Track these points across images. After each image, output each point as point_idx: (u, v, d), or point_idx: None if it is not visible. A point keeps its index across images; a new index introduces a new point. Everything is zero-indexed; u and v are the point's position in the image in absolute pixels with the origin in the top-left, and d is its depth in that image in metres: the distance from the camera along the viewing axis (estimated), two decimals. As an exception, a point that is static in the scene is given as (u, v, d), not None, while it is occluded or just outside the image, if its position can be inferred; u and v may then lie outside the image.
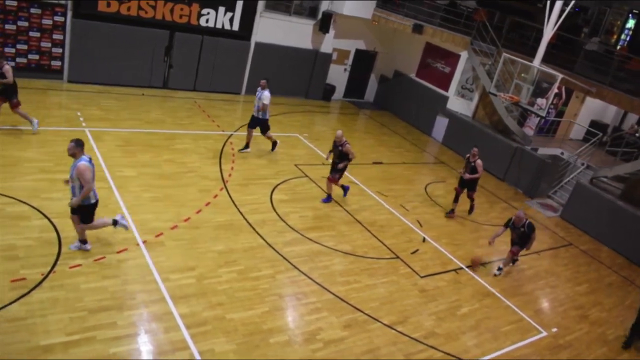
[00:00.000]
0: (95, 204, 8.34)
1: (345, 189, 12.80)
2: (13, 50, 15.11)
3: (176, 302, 7.92)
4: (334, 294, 9.13)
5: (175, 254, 9.07)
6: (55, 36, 15.53)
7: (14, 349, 6.47)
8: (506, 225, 11.18)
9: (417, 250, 11.40)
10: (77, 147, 8.12)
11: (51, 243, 8.50)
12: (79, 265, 8.14)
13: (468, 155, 13.15)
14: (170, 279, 8.40)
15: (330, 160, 12.53)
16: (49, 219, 9.07)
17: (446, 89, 20.08)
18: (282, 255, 9.86)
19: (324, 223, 11.52)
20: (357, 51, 22.03)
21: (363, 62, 22.49)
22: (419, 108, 20.94)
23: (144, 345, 7.06)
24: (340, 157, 12.11)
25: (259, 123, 13.93)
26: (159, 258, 8.81)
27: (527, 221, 10.92)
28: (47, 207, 9.39)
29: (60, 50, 15.77)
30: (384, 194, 13.76)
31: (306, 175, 13.59)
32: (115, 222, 8.66)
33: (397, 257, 10.92)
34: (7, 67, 11.52)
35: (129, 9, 16.02)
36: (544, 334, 9.76)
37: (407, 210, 13.13)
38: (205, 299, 8.18)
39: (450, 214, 13.49)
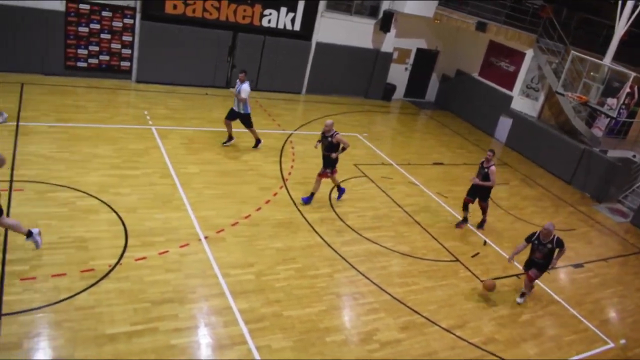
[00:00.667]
0: None
1: (341, 190, 11.87)
2: (86, 52, 15.84)
3: (235, 297, 8.07)
4: (391, 295, 9.05)
5: (235, 250, 9.24)
6: (124, 38, 16.16)
7: (82, 335, 6.78)
8: (528, 240, 9.55)
9: (477, 254, 11.13)
10: None
11: (118, 236, 8.85)
12: (144, 258, 8.44)
13: (483, 160, 11.61)
14: (230, 274, 8.57)
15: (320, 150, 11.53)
16: (116, 213, 9.46)
17: (510, 88, 19.51)
18: (340, 255, 9.86)
19: (383, 223, 11.43)
20: (419, 50, 21.75)
21: (424, 61, 22.19)
22: (480, 107, 20.48)
23: (204, 338, 7.23)
24: (330, 149, 11.07)
25: (239, 116, 13.12)
26: (220, 253, 9.01)
27: (556, 236, 9.27)
28: (116, 201, 9.79)
29: (130, 52, 16.39)
30: (444, 195, 13.52)
31: (365, 175, 13.54)
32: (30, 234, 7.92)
33: (457, 260, 10.70)
34: None
35: (194, 10, 16.46)
36: (611, 345, 9.30)
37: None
38: (264, 295, 8.29)
39: (461, 224, 12.12)
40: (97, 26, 15.75)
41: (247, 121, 13.23)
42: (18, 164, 10.37)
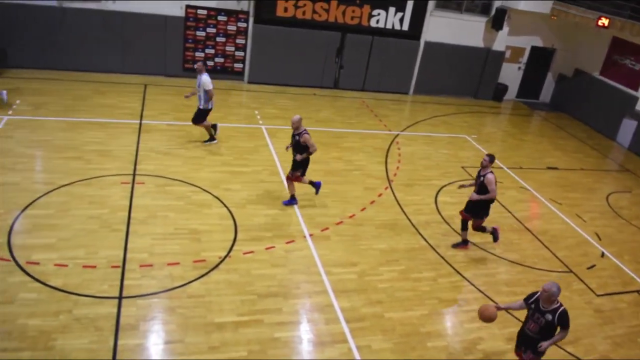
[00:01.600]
0: None
1: (316, 185, 10.50)
2: (202, 55, 16.72)
3: (338, 295, 8.14)
4: (497, 304, 8.67)
5: (339, 248, 9.32)
6: (238, 41, 16.88)
7: (192, 322, 7.17)
8: (526, 301, 6.58)
9: (593, 266, 10.38)
10: None
11: (228, 230, 9.27)
12: (252, 252, 8.75)
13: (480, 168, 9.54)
14: (333, 272, 8.66)
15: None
16: (227, 208, 9.90)
17: (636, 88, 17.98)
18: (444, 259, 9.63)
19: (490, 229, 11.01)
20: (533, 48, 20.69)
21: (539, 60, 21.07)
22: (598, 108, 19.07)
23: (305, 333, 7.36)
24: (298, 149, 10.00)
25: (202, 113, 12.24)
26: (324, 251, 9.13)
27: (562, 307, 6.25)
28: (226, 197, 10.26)
29: (242, 54, 17.09)
30: (558, 202, 12.75)
31: (473, 178, 13.10)
32: None
33: (571, 272, 10.05)
34: None
35: (303, 12, 16.82)
36: None
37: (584, 221, 12.01)
38: (366, 295, 8.28)
39: (460, 245, 10.08)
40: (214, 30, 16.58)
41: (202, 116, 12.36)
42: (140, 159, 11.20)
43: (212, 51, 16.85)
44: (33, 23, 15.31)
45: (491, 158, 9.25)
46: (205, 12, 16.31)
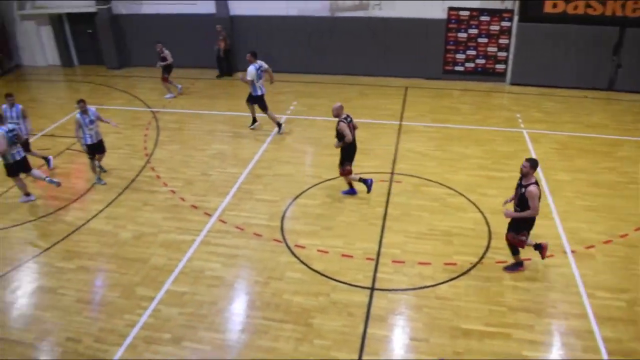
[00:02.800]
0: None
1: (367, 183, 10.09)
2: (463, 56, 16.57)
3: (600, 322, 7.27)
4: None
5: (605, 270, 8.32)
6: (501, 41, 16.27)
7: (438, 324, 7.19)
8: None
9: None
10: None
11: (482, 236, 9.02)
12: (506, 262, 8.36)
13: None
14: (597, 296, 7.76)
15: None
16: (482, 213, 9.65)
17: None
18: None
19: None
20: None
21: None
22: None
23: (559, 358, 6.76)
24: (338, 137, 9.67)
25: (252, 99, 13.22)
26: (587, 271, 8.25)
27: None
28: (482, 202, 9.99)
29: (505, 54, 16.42)
30: None
31: None
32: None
33: None
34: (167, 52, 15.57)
35: (575, 7, 15.38)
36: None
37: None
38: (636, 328, 7.23)
39: (511, 269, 8.20)
40: (475, 31, 16.29)
41: (261, 104, 13.20)
42: (398, 159, 11.63)
43: (474, 52, 16.57)
44: (302, 32, 17.16)
45: (532, 163, 7.54)
46: (467, 13, 16.12)
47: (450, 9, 16.15)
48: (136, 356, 6.92)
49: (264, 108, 13.19)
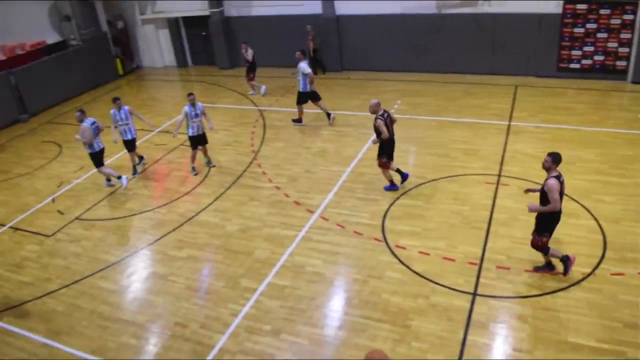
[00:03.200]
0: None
1: (403, 176, 10.57)
2: (579, 53, 15.58)
3: None
4: None
5: None
6: (622, 35, 15.10)
7: (543, 336, 6.82)
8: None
9: None
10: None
11: (596, 245, 8.43)
12: (621, 274, 7.78)
13: None
14: None
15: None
16: (597, 221, 9.03)
17: None
18: None
19: None
20: None
21: None
22: None
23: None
24: (376, 134, 10.11)
25: (302, 96, 13.99)
26: None
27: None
28: (597, 208, 9.34)
29: (626, 50, 15.22)
30: None
31: None
32: (119, 177, 11.65)
33: None
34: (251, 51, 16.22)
35: None
36: None
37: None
38: None
39: (541, 269, 7.99)
40: (594, 25, 15.25)
41: (314, 97, 13.99)
42: (506, 160, 11.17)
43: (591, 49, 15.51)
44: (407, 30, 16.98)
45: (554, 157, 7.30)
46: (585, 6, 15.11)
47: (566, 2, 15.23)
48: (237, 345, 7.22)
49: (305, 102, 14.09)
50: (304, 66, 13.71)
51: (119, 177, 11.70)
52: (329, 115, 14.17)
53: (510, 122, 13.05)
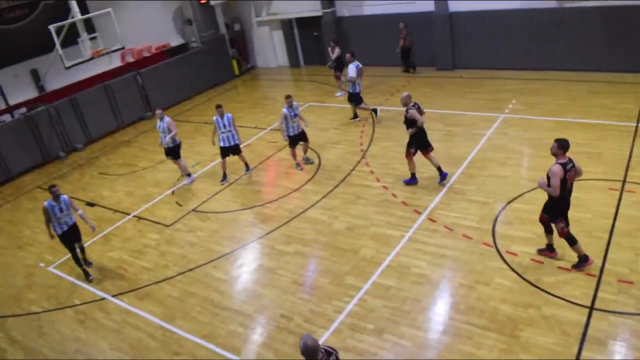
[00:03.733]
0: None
1: (442, 175, 10.82)
2: None
3: None
4: None
5: None
6: None
7: None
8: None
9: None
10: None
11: None
12: None
13: None
14: None
15: None
16: None
17: None
18: None
19: None
20: None
21: None
22: None
23: None
24: (408, 125, 10.44)
25: (353, 96, 14.59)
26: None
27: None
28: None
29: None
30: None
31: None
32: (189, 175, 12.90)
33: None
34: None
35: None
36: None
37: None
38: None
39: (544, 251, 8.28)
40: None
41: (356, 99, 14.65)
42: (632, 166, 10.31)
43: None
44: (524, 26, 16.17)
45: (560, 144, 7.48)
46: None
47: None
48: (340, 341, 7.32)
49: (360, 101, 14.65)
50: (351, 68, 14.31)
51: (188, 175, 12.92)
52: (374, 111, 14.93)
53: (639, 124, 12.00)
